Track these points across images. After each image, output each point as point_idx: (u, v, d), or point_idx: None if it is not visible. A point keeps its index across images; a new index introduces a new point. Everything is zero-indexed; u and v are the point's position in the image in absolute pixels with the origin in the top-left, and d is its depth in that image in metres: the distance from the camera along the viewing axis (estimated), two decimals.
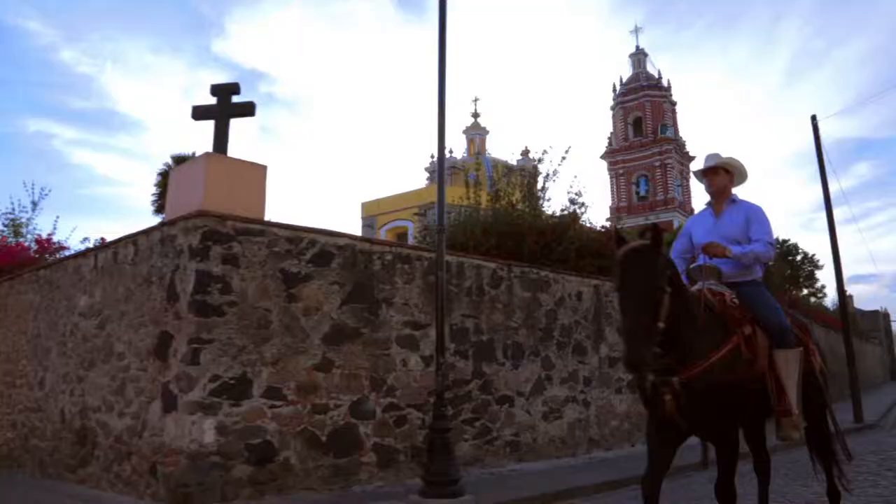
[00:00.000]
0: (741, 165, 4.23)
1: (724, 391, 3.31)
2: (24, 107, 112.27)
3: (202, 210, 5.79)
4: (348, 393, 6.46)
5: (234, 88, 6.42)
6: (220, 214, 5.86)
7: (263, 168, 6.34)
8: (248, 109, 6.41)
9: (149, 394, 5.94)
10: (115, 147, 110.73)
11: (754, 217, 4.02)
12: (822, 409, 4.20)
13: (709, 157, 4.22)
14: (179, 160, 23.60)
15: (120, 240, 6.97)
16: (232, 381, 5.68)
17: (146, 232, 6.62)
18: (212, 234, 5.79)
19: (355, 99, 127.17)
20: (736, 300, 3.75)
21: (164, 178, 23.81)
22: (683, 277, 3.78)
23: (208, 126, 6.50)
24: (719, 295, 3.72)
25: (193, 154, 23.95)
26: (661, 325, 3.03)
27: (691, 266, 4.12)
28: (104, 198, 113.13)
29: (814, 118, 15.80)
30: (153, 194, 23.61)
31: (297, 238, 6.36)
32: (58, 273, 8.26)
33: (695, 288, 3.75)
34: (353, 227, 33.06)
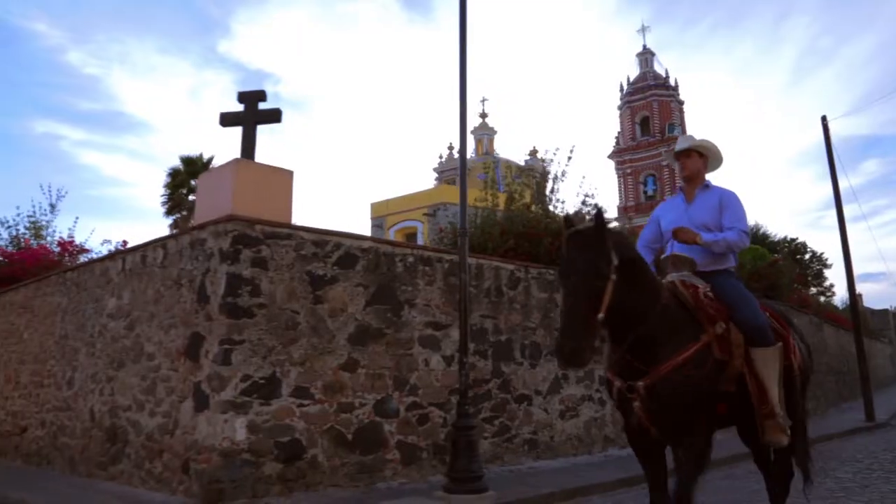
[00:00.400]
0: (716, 149, 3.95)
1: (690, 395, 3.05)
2: (31, 108, 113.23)
3: (232, 214, 5.95)
4: (373, 392, 6.62)
5: (261, 96, 6.59)
6: (250, 219, 6.03)
7: (290, 173, 6.50)
8: (274, 116, 6.58)
9: (180, 393, 6.11)
10: (122, 148, 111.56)
11: (728, 203, 3.73)
12: (797, 411, 3.70)
13: (682, 140, 3.97)
14: (187, 161, 23.82)
15: (148, 243, 7.15)
16: (262, 381, 5.85)
17: (175, 236, 6.80)
18: (241, 237, 5.96)
19: (361, 99, 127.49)
20: (710, 293, 3.41)
21: (173, 178, 24.07)
22: (653, 268, 3.52)
23: (213, 127, 6.70)
24: (692, 288, 3.38)
25: (201, 155, 24.00)
26: (601, 316, 2.80)
27: (662, 256, 3.82)
28: (111, 198, 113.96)
29: (824, 119, 15.79)
30: (162, 195, 23.80)
31: (323, 241, 6.52)
32: (84, 275, 8.45)
33: (666, 280, 3.47)
34: (362, 227, 33.24)
